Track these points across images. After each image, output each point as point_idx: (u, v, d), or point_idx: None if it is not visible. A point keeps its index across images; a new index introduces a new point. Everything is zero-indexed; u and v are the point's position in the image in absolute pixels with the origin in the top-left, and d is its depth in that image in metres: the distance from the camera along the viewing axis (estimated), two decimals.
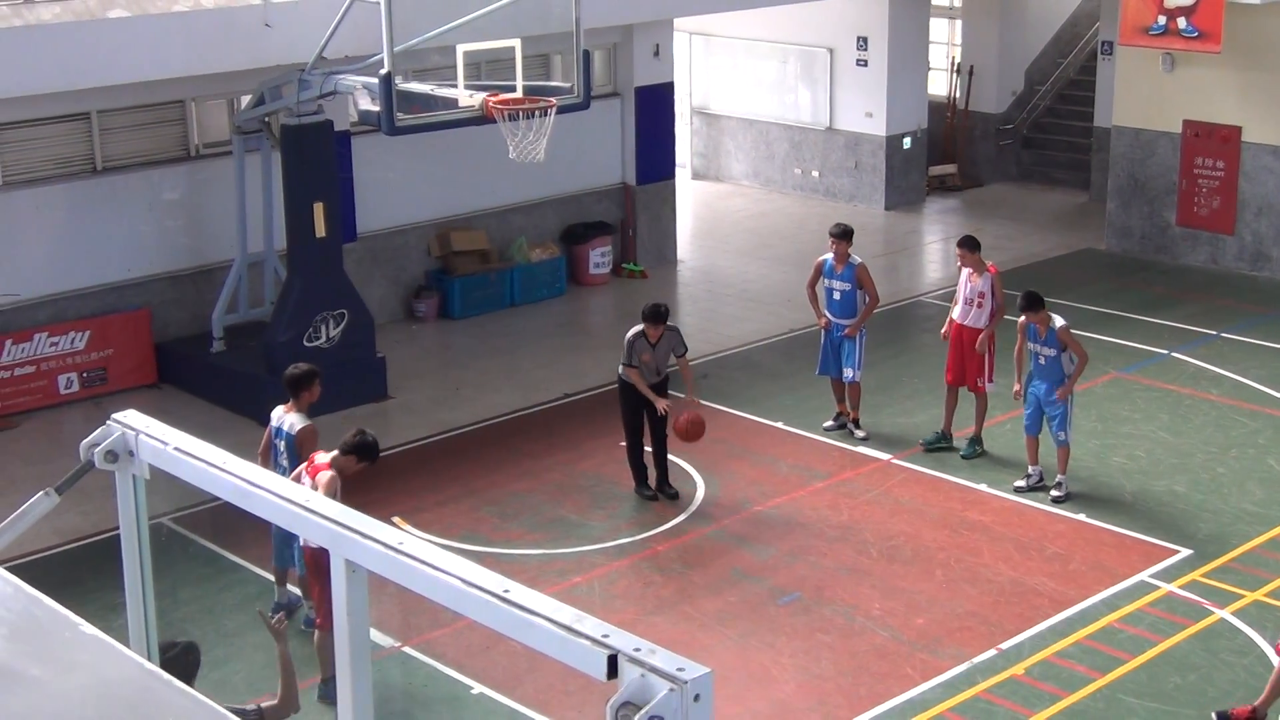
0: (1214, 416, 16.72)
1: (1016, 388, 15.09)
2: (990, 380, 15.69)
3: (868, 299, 16.16)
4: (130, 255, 18.01)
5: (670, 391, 15.06)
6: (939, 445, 15.91)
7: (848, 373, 16.26)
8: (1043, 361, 14.56)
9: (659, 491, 15.05)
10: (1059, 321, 14.49)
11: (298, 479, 11.09)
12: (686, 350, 15.03)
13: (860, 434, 16.33)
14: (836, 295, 16.22)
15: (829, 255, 16.23)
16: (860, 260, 16.24)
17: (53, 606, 4.16)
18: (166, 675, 3.84)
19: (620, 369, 14.93)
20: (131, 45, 16.32)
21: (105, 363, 17.70)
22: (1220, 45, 21.17)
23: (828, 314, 16.26)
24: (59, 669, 3.88)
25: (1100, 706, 11.27)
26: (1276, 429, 16.33)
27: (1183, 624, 12.38)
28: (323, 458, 11.18)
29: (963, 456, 15.70)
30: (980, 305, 15.67)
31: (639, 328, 14.74)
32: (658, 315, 14.65)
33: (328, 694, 11.36)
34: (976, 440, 15.85)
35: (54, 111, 17.18)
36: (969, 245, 15.90)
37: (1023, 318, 14.64)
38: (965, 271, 15.85)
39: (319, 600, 11.40)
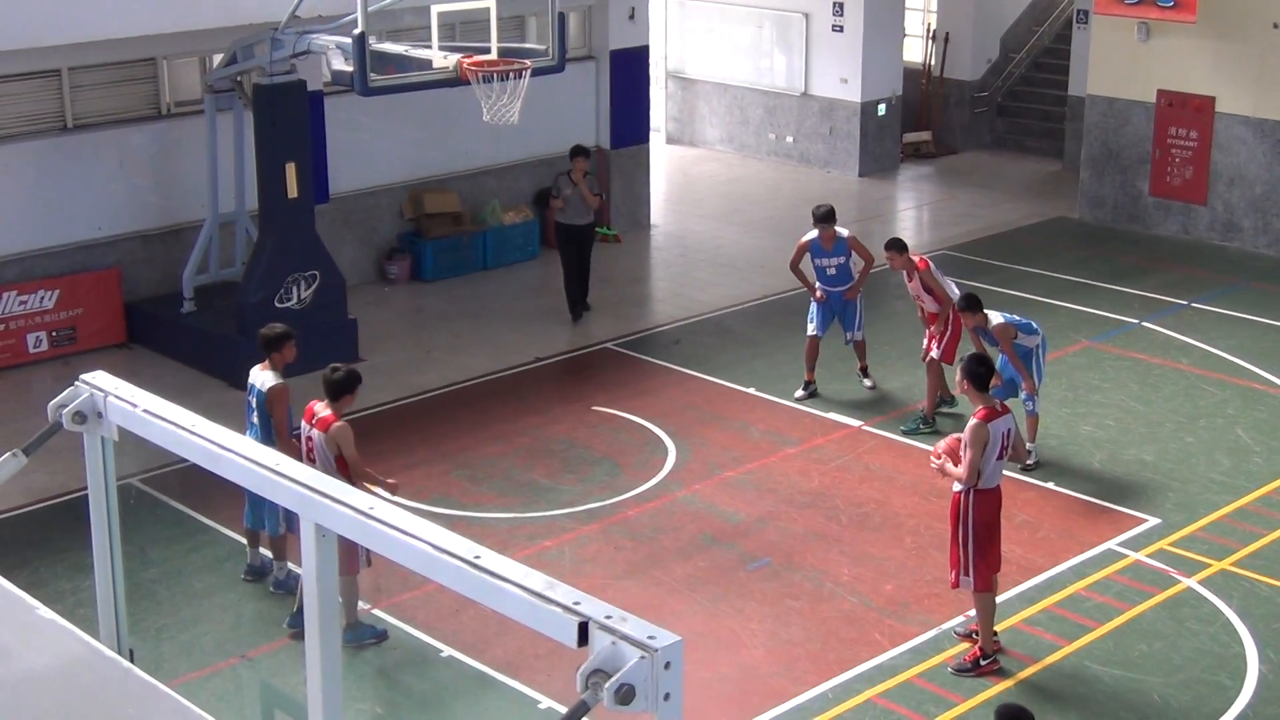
0: (1183, 386, 16.77)
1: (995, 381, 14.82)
2: (938, 351, 15.34)
3: (863, 263, 16.18)
4: (100, 214, 17.89)
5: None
6: (941, 408, 15.83)
7: (849, 334, 16.36)
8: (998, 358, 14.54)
9: (580, 308, 18.86)
10: (995, 320, 14.28)
11: (309, 440, 11.13)
12: (600, 193, 19.04)
13: (868, 383, 16.51)
14: (831, 271, 16.20)
15: (814, 235, 16.15)
16: (848, 232, 16.27)
17: (9, 589, 4.12)
18: (116, 656, 3.81)
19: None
20: (100, 1, 16.17)
21: (74, 322, 17.59)
22: (1195, 15, 21.17)
23: (823, 288, 16.26)
24: (16, 652, 3.85)
25: (1067, 674, 11.34)
26: (1244, 399, 16.40)
27: (1149, 592, 12.45)
28: (323, 408, 11.16)
29: (903, 430, 15.58)
30: (920, 300, 15.56)
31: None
32: (578, 151, 18.57)
33: (347, 639, 11.35)
34: (923, 416, 15.63)
35: (24, 68, 17.01)
36: (895, 247, 15.41)
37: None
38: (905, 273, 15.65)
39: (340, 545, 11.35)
